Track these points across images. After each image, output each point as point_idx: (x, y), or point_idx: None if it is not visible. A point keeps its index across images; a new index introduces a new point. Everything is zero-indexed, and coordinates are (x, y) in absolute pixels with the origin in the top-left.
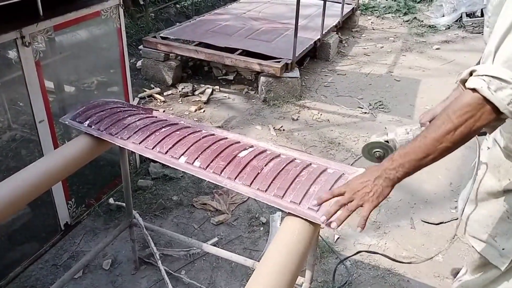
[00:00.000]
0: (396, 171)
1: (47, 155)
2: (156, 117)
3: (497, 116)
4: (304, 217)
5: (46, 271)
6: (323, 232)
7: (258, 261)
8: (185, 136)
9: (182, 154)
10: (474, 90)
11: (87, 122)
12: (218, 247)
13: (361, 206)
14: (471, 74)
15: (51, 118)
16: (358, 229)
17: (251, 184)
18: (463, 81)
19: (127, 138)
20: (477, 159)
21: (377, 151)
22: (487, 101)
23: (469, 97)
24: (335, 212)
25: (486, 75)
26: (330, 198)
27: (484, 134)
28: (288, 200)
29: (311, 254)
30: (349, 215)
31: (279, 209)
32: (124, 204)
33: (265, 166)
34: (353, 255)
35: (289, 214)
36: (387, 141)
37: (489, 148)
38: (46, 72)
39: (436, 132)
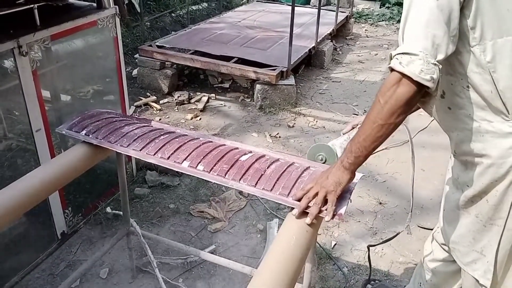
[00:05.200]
0: (347, 157)
1: (45, 164)
2: (152, 126)
3: (419, 89)
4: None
5: (43, 280)
6: (320, 239)
7: (256, 268)
8: (185, 143)
9: (185, 159)
10: (391, 69)
11: (84, 131)
12: (216, 255)
13: (327, 197)
14: (391, 58)
15: (47, 127)
16: (326, 218)
17: (256, 185)
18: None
19: (127, 146)
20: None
21: (320, 155)
22: (403, 75)
23: (389, 76)
24: (306, 206)
25: (398, 54)
26: (304, 194)
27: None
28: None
29: (309, 261)
30: (319, 208)
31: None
32: (121, 213)
33: (267, 168)
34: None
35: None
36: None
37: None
38: (43, 81)
39: (370, 113)
